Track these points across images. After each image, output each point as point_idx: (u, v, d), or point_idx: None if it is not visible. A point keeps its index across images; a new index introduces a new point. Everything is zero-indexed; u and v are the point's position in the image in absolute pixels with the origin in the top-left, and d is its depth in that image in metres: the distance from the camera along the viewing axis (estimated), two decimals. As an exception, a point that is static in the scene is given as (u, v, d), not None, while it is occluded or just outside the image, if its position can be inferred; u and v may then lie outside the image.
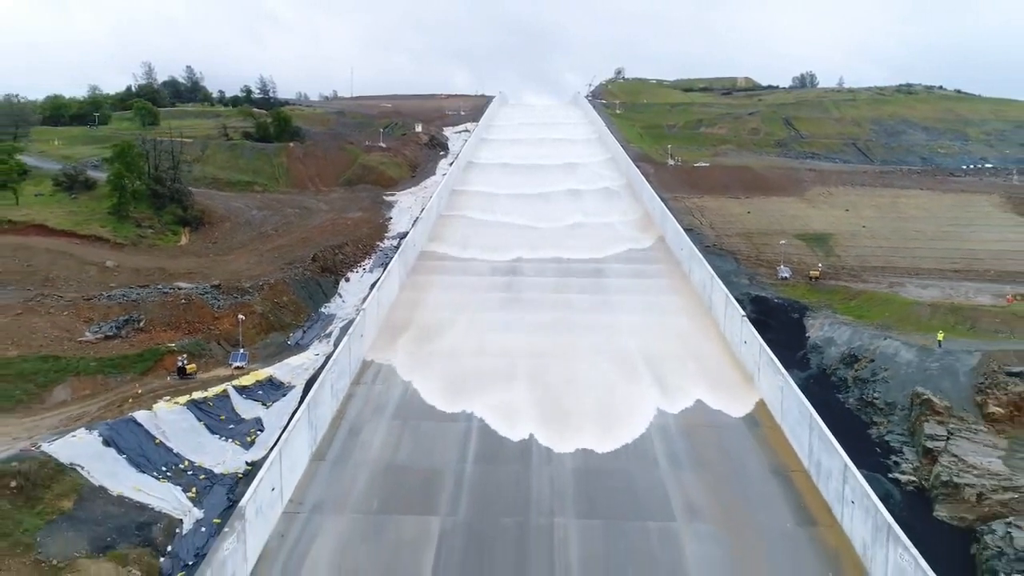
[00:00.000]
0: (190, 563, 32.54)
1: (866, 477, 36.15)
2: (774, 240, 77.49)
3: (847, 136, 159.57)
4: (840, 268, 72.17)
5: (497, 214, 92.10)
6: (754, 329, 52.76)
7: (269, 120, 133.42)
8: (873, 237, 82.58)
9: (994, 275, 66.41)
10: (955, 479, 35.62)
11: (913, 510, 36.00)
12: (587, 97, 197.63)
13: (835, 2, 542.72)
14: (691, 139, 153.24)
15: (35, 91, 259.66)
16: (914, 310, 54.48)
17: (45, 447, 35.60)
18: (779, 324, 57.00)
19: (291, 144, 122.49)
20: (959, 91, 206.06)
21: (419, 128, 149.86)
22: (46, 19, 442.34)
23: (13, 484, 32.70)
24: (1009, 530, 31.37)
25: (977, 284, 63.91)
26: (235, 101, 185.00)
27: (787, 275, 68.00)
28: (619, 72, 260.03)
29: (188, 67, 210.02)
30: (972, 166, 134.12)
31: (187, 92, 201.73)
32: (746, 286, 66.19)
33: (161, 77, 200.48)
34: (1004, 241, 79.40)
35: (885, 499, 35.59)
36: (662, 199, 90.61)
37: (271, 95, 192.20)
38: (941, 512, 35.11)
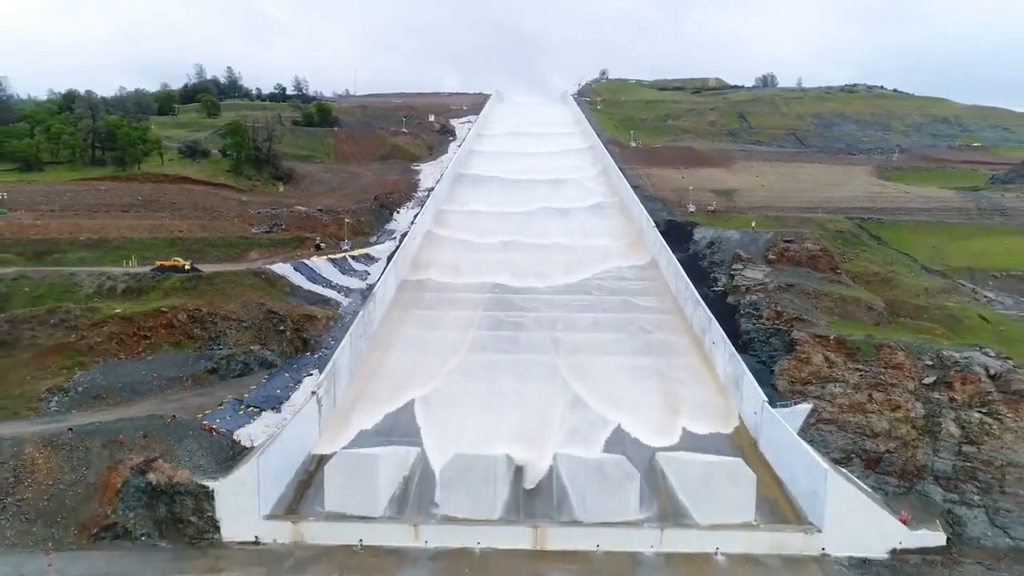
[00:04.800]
0: (350, 316, 65.82)
1: (699, 291, 69.75)
2: (694, 193, 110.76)
3: (789, 128, 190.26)
4: (732, 208, 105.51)
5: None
6: (659, 233, 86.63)
7: (314, 111, 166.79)
8: (766, 191, 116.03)
9: (826, 208, 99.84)
10: (739, 283, 69.17)
11: (719, 301, 69.32)
12: (574, 95, 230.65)
13: (804, 7, 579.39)
14: (659, 130, 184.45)
15: (35, 90, 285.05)
16: (754, 218, 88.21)
17: (268, 267, 68.93)
18: (678, 233, 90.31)
19: (336, 129, 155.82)
20: (896, 90, 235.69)
21: (432, 119, 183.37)
22: (48, 20, 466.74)
23: (263, 277, 66.06)
24: (750, 296, 65.09)
25: (812, 213, 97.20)
26: (272, 97, 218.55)
27: (693, 209, 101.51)
28: (603, 73, 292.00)
29: (229, 68, 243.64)
30: (882, 150, 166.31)
31: (227, 89, 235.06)
32: (666, 215, 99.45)
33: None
34: (854, 193, 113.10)
35: (705, 297, 69.15)
36: (620, 169, 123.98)
37: (304, 92, 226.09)
38: (730, 299, 68.53)
